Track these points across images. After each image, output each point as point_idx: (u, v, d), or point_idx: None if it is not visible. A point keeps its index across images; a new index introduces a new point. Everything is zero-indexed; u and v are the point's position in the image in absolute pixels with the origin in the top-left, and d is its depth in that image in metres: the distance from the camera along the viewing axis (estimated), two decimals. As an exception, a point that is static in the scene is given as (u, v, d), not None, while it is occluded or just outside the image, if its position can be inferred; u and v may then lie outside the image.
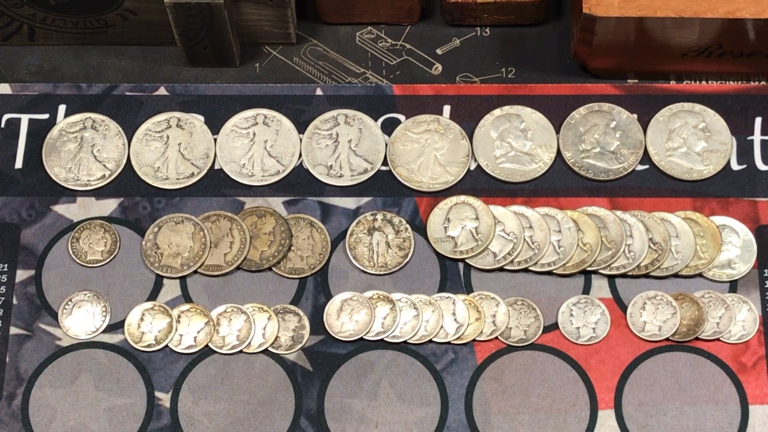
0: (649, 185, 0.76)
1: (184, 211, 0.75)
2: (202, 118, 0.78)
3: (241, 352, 0.72)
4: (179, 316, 0.73)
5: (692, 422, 0.70)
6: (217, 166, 0.77)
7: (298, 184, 0.76)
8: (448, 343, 0.72)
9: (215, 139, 0.77)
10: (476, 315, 0.72)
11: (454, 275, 0.74)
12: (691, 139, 0.76)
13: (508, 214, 0.75)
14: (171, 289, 0.74)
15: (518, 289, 0.73)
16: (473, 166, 0.76)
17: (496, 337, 0.72)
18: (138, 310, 0.73)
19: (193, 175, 0.76)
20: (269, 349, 0.72)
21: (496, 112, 0.77)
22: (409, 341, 0.72)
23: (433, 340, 0.72)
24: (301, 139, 0.77)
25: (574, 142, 0.77)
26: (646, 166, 0.76)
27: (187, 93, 0.78)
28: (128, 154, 0.77)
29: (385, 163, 0.77)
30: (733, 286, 0.73)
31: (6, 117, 0.78)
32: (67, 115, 0.78)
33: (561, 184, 0.76)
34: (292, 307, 0.73)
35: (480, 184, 0.76)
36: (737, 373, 0.71)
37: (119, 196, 0.76)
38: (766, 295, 0.73)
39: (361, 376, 0.72)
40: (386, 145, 0.77)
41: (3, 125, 0.78)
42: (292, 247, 0.74)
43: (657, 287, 0.73)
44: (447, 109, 0.78)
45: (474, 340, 0.72)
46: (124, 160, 0.77)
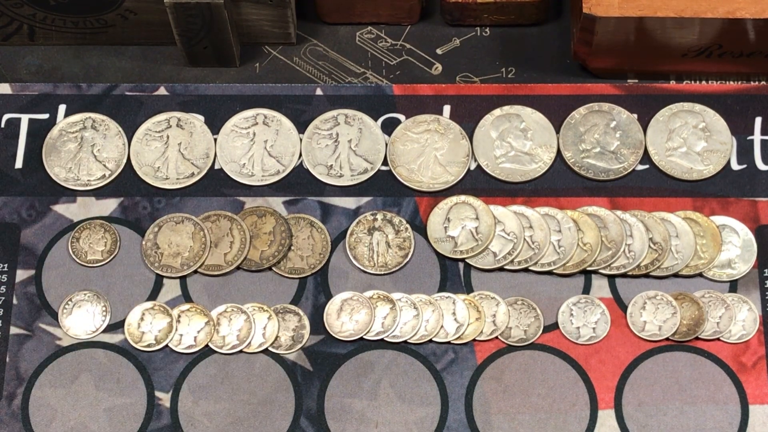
0: (649, 185, 0.76)
1: (184, 211, 0.75)
2: (202, 118, 0.78)
3: (241, 351, 0.72)
4: (179, 316, 0.73)
5: (692, 422, 0.70)
6: (217, 166, 0.77)
7: (298, 184, 0.76)
8: (448, 343, 0.72)
9: (215, 139, 0.77)
10: (476, 315, 0.72)
11: (454, 275, 0.74)
12: (691, 139, 0.76)
13: (508, 214, 0.75)
14: (171, 289, 0.74)
15: (518, 288, 0.73)
16: (473, 166, 0.76)
17: (496, 337, 0.72)
18: (138, 310, 0.73)
19: (193, 175, 0.76)
20: (269, 348, 0.72)
21: (496, 112, 0.77)
22: (409, 341, 0.72)
23: (433, 339, 0.72)
24: (301, 139, 0.77)
25: (574, 142, 0.77)
26: (646, 166, 0.76)
27: (187, 93, 0.78)
28: (128, 154, 0.77)
29: (385, 163, 0.76)
30: (733, 285, 0.73)
31: (6, 117, 0.78)
32: (67, 115, 0.78)
33: (561, 184, 0.76)
34: (292, 307, 0.73)
35: (480, 184, 0.76)
36: (737, 373, 0.71)
37: (119, 196, 0.76)
38: (766, 295, 0.73)
39: (361, 376, 0.72)
40: (386, 145, 0.77)
41: (3, 125, 0.78)
42: (292, 247, 0.74)
43: (657, 287, 0.73)
44: (447, 109, 0.78)
45: (474, 340, 0.72)
46: (124, 160, 0.77)
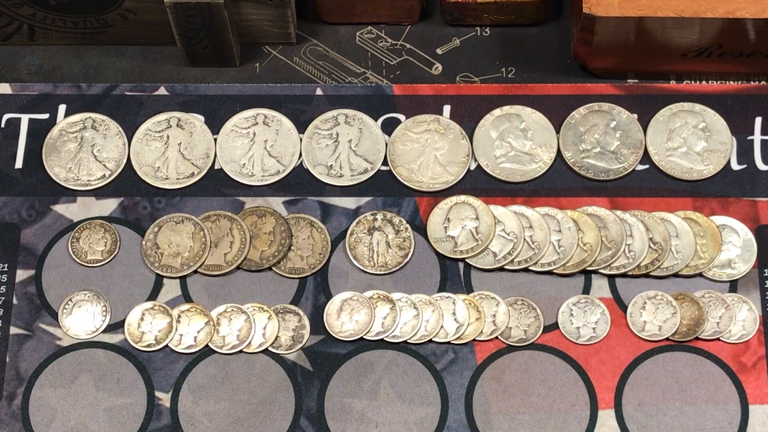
0: (649, 185, 0.76)
1: (184, 211, 0.75)
2: (202, 118, 0.78)
3: (241, 351, 0.72)
4: (179, 316, 0.73)
5: (692, 422, 0.70)
6: (217, 166, 0.77)
7: (298, 184, 0.76)
8: (448, 343, 0.72)
9: (215, 139, 0.77)
10: (476, 315, 0.72)
11: (454, 275, 0.74)
12: (691, 138, 0.76)
13: (508, 214, 0.75)
14: (171, 289, 0.74)
15: (518, 288, 0.73)
16: (473, 166, 0.76)
17: (496, 337, 0.72)
18: (138, 310, 0.73)
19: (193, 174, 0.76)
20: (269, 348, 0.72)
21: (496, 112, 0.77)
22: (409, 341, 0.72)
23: (433, 339, 0.72)
24: (301, 139, 0.77)
25: (574, 142, 0.77)
26: (646, 166, 0.76)
27: (187, 93, 0.78)
28: (128, 154, 0.77)
29: (385, 162, 0.76)
30: (733, 285, 0.73)
31: (6, 117, 0.78)
32: (67, 115, 0.78)
33: (561, 184, 0.76)
34: (292, 307, 0.73)
35: (480, 184, 0.76)
36: (737, 373, 0.71)
37: (119, 196, 0.76)
38: (766, 295, 0.73)
39: (361, 376, 0.72)
40: (386, 144, 0.77)
41: (3, 125, 0.78)
42: (292, 247, 0.74)
43: (657, 287, 0.73)
44: (447, 108, 0.78)
45: (474, 340, 0.72)
46: (124, 160, 0.77)
